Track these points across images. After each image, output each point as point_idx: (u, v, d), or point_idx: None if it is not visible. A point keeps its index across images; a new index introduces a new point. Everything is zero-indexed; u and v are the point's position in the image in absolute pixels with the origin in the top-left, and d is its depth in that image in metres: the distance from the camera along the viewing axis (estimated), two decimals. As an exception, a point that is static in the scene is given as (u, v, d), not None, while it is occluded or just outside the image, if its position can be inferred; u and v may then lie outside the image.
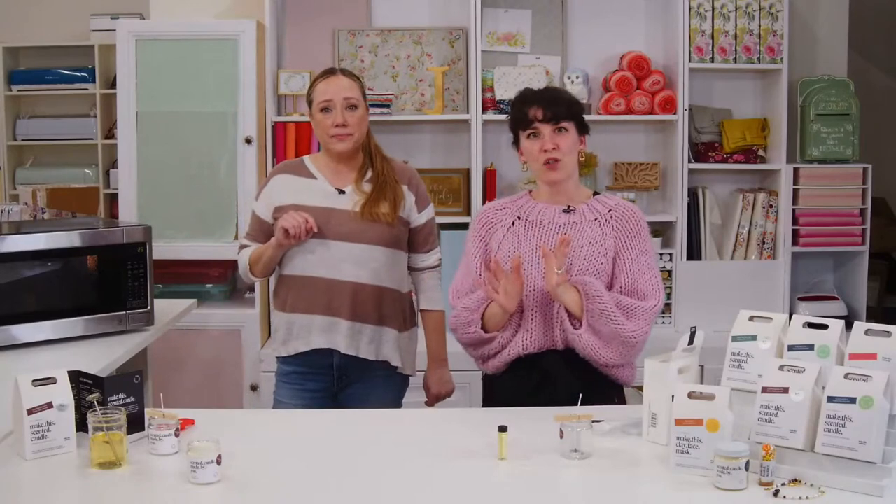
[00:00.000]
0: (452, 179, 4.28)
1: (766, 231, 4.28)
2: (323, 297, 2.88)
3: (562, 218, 2.64)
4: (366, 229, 2.87)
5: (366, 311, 2.89)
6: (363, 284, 2.88)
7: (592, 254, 2.58)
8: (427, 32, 4.30)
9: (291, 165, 3.04)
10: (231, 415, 2.64)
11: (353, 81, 2.93)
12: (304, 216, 2.80)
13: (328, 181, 2.94)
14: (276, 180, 2.99)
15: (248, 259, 2.99)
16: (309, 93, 2.96)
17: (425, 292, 3.06)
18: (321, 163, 2.98)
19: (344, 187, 2.92)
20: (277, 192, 2.96)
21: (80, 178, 6.38)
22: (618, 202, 2.68)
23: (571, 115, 2.63)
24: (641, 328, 2.53)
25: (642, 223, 2.65)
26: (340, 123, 2.86)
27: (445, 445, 2.20)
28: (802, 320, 2.15)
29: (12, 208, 4.04)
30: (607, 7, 4.34)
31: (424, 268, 3.04)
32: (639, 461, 2.11)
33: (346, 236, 2.87)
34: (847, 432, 1.87)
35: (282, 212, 2.88)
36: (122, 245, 3.12)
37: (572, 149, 2.63)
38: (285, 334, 2.94)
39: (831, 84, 4.28)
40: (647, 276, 2.59)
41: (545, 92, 2.72)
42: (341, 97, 2.87)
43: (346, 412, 2.76)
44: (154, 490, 1.97)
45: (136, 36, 4.17)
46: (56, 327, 3.00)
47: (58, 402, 2.12)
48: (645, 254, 2.62)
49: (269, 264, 2.94)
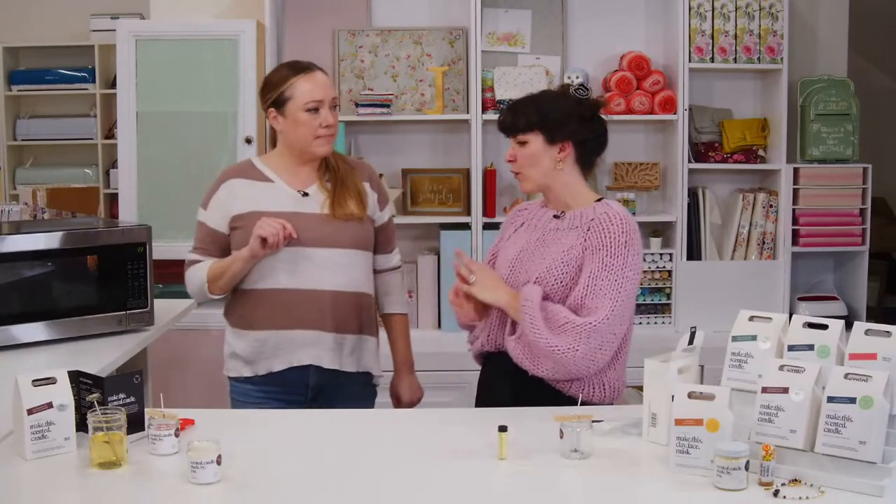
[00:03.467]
0: (452, 179, 4.28)
1: (766, 231, 4.28)
2: (301, 310, 2.69)
3: (551, 223, 2.58)
4: (339, 232, 2.71)
5: (347, 321, 2.73)
6: (343, 292, 2.72)
7: (556, 262, 2.47)
8: (427, 32, 4.30)
9: (241, 169, 2.81)
10: (231, 415, 2.64)
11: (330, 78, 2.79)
12: (282, 222, 2.60)
13: (287, 184, 2.75)
14: (227, 186, 2.76)
15: (205, 275, 2.74)
16: (280, 90, 2.70)
17: (390, 295, 2.92)
18: (276, 164, 2.78)
19: (306, 189, 2.75)
20: (232, 200, 2.74)
21: (80, 178, 6.39)
22: (606, 210, 2.50)
23: (530, 126, 2.51)
24: (570, 345, 2.36)
25: (619, 236, 2.44)
26: (331, 124, 2.71)
27: (445, 445, 2.20)
28: (802, 320, 2.15)
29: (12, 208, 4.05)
30: (607, 7, 4.34)
31: (389, 269, 2.91)
32: (639, 461, 2.11)
33: (320, 241, 2.69)
34: (847, 432, 1.87)
35: (243, 221, 2.69)
36: (122, 245, 3.12)
37: (532, 161, 2.52)
38: (253, 354, 2.72)
39: (831, 84, 4.29)
40: (602, 292, 2.40)
41: (517, 102, 2.61)
42: (330, 96, 2.71)
43: (346, 412, 2.76)
44: (154, 490, 1.97)
45: (136, 36, 4.17)
46: (56, 327, 2.99)
47: (58, 402, 2.11)
48: (608, 268, 2.41)
49: (234, 279, 2.71)
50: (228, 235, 2.75)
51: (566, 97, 2.59)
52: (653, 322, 4.20)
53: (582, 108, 2.55)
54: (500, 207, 4.29)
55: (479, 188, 4.16)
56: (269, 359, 2.72)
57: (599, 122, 2.59)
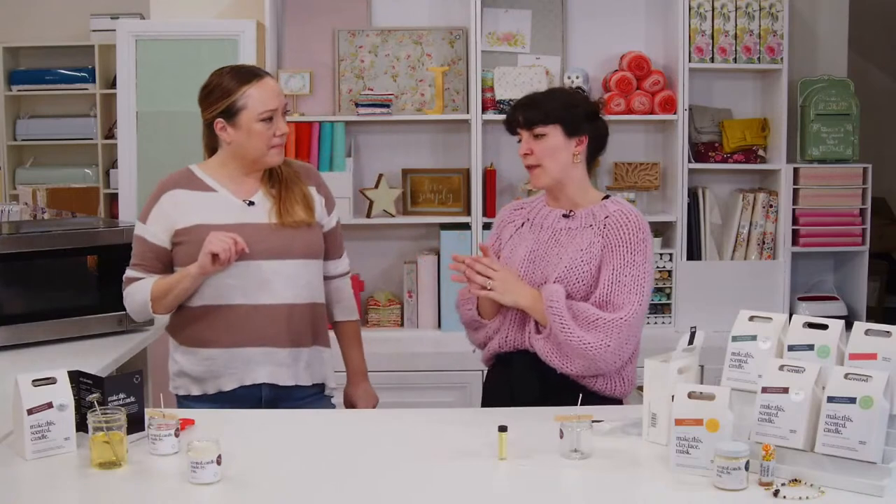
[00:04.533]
0: (452, 179, 4.28)
1: (766, 231, 4.27)
2: (254, 327, 2.56)
3: (560, 223, 2.60)
4: (290, 241, 2.59)
5: (302, 334, 2.62)
6: (298, 304, 2.60)
7: (575, 261, 2.51)
8: (427, 32, 4.30)
9: (181, 179, 2.66)
10: (231, 415, 2.63)
11: None
12: (233, 237, 2.46)
13: (232, 193, 2.61)
14: (168, 198, 2.62)
15: (148, 294, 2.59)
16: (230, 99, 2.58)
17: (341, 302, 2.82)
18: (218, 173, 2.64)
19: (250, 197, 2.62)
20: (174, 212, 2.59)
21: (80, 178, 6.40)
22: (619, 208, 2.57)
23: (551, 119, 2.53)
24: (602, 341, 2.42)
25: (636, 233, 2.52)
26: (285, 132, 2.59)
27: (445, 445, 2.20)
28: (802, 320, 2.15)
29: (12, 208, 4.05)
30: (607, 7, 4.33)
31: (338, 275, 2.81)
32: (639, 461, 2.11)
33: (270, 253, 2.56)
34: (847, 432, 1.87)
35: (187, 234, 2.55)
36: (122, 245, 3.11)
37: (552, 154, 2.54)
38: (203, 372, 2.59)
39: (831, 84, 4.28)
40: (627, 287, 2.47)
41: (531, 96, 2.65)
42: (282, 104, 2.60)
43: (346, 412, 2.76)
44: (154, 490, 1.97)
45: (136, 36, 4.17)
46: (56, 327, 3.00)
47: (58, 402, 2.12)
48: (630, 264, 2.49)
49: (181, 297, 2.57)
50: (171, 251, 2.61)
51: (578, 94, 2.70)
52: (653, 322, 4.20)
53: (593, 105, 2.64)
54: (499, 207, 4.27)
55: (479, 188, 4.16)
56: (219, 378, 2.60)
57: (604, 121, 2.66)
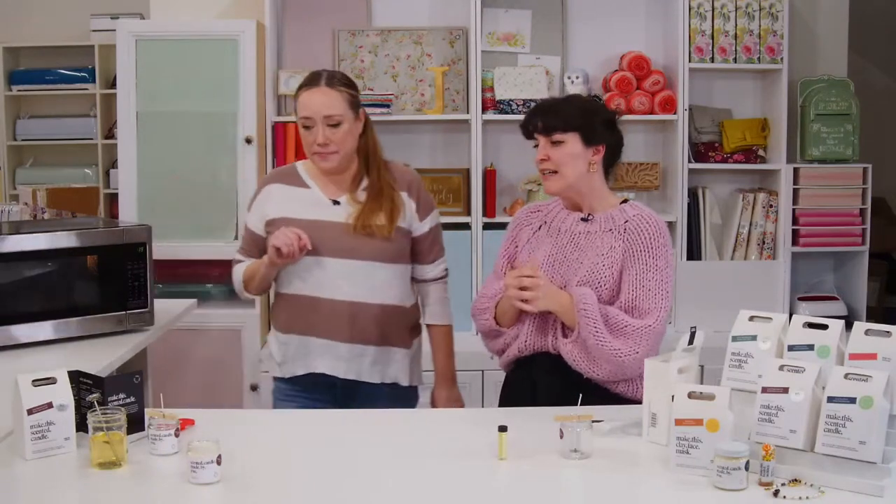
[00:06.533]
0: (452, 179, 4.28)
1: (766, 231, 4.28)
2: (318, 318, 2.71)
3: (579, 227, 2.59)
4: (361, 244, 2.69)
5: (367, 332, 2.72)
6: (363, 303, 2.71)
7: (597, 266, 2.51)
8: (427, 32, 4.30)
9: (284, 174, 2.86)
10: (231, 415, 2.64)
11: (339, 93, 2.70)
12: (297, 233, 2.62)
13: (322, 190, 2.76)
14: (267, 190, 2.82)
15: (242, 276, 2.84)
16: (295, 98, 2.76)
17: (431, 306, 2.89)
18: (315, 170, 2.79)
19: (338, 197, 2.75)
20: (268, 204, 2.79)
21: (80, 178, 6.39)
22: (639, 212, 2.57)
23: (570, 126, 2.54)
24: (631, 348, 2.43)
25: (657, 237, 2.53)
26: (321, 143, 2.68)
27: (445, 445, 2.20)
28: (802, 320, 2.15)
29: (12, 208, 4.05)
30: (607, 7, 4.34)
31: (430, 279, 2.88)
32: (639, 461, 2.11)
33: (341, 252, 2.69)
34: (847, 432, 1.87)
35: (273, 226, 2.72)
36: (122, 245, 3.12)
37: (570, 160, 2.54)
38: (281, 356, 2.79)
39: (831, 84, 4.29)
40: (652, 293, 2.48)
41: (551, 102, 2.67)
42: (321, 115, 2.67)
43: (345, 412, 2.76)
44: (154, 490, 1.97)
45: (136, 36, 4.17)
46: (56, 327, 2.99)
47: (58, 402, 2.11)
48: (653, 269, 2.50)
49: (262, 283, 2.79)
50: (265, 238, 2.76)
51: (596, 102, 2.74)
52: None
53: (611, 114, 2.66)
54: (499, 207, 4.29)
55: (479, 188, 4.16)
56: (292, 363, 2.77)
57: (620, 132, 2.66)
